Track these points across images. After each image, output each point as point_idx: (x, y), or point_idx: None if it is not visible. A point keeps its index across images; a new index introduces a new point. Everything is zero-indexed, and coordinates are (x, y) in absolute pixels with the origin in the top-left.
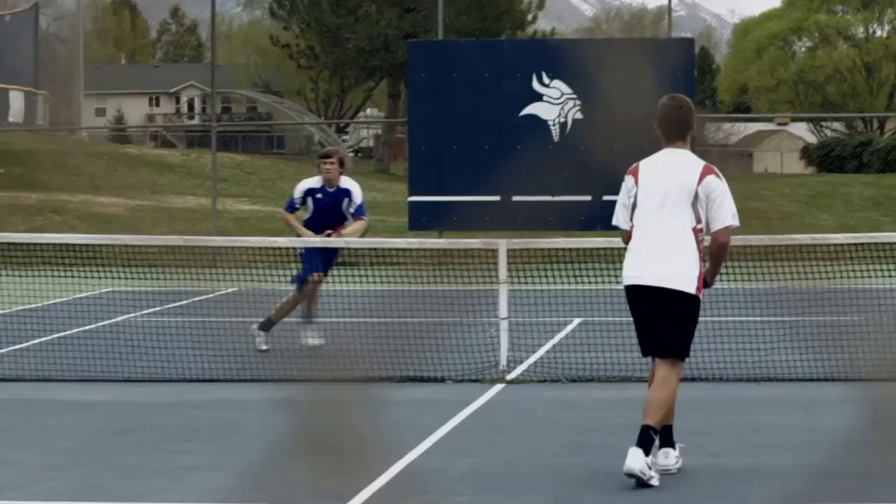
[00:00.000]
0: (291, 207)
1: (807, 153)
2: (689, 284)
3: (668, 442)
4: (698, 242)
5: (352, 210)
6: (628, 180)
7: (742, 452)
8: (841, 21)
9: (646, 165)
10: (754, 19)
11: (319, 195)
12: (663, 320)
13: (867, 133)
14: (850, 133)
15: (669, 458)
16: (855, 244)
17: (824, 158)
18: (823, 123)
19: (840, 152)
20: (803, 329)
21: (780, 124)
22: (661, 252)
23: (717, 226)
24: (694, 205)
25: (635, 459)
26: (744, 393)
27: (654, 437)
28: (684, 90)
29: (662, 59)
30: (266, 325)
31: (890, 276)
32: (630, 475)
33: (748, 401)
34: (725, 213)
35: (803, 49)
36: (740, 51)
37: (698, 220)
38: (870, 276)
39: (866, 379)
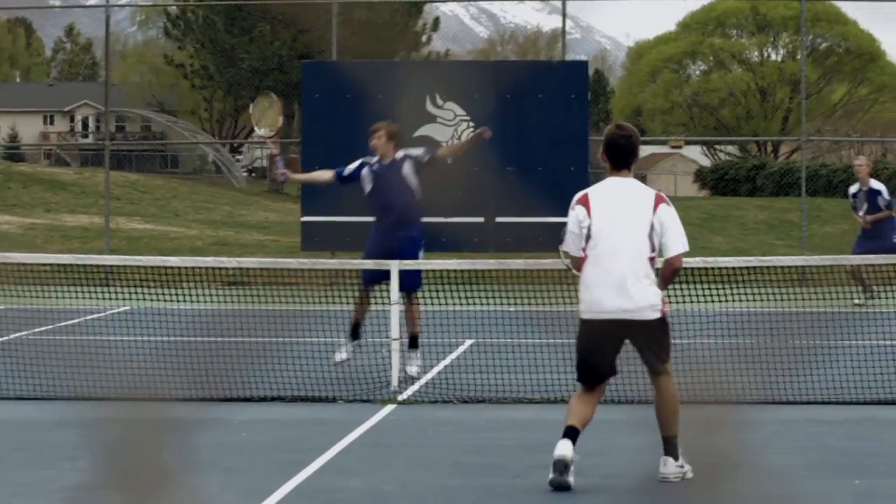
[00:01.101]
0: (339, 171)
1: (700, 176)
2: (653, 313)
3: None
4: (653, 269)
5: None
6: (579, 210)
7: (635, 473)
8: (736, 45)
9: (596, 195)
10: (649, 42)
11: (376, 167)
12: (640, 347)
13: (761, 157)
14: (744, 156)
15: (667, 466)
16: (747, 268)
17: (718, 181)
18: (717, 147)
19: (734, 175)
20: (695, 352)
21: (674, 147)
22: (625, 284)
23: (671, 253)
24: (650, 235)
25: (669, 467)
26: (630, 415)
27: (677, 444)
28: (578, 112)
29: (557, 81)
30: (354, 332)
31: (782, 300)
32: (665, 482)
33: (636, 422)
34: (678, 240)
35: (698, 72)
36: (635, 73)
37: (653, 249)
38: (762, 300)
39: (756, 402)
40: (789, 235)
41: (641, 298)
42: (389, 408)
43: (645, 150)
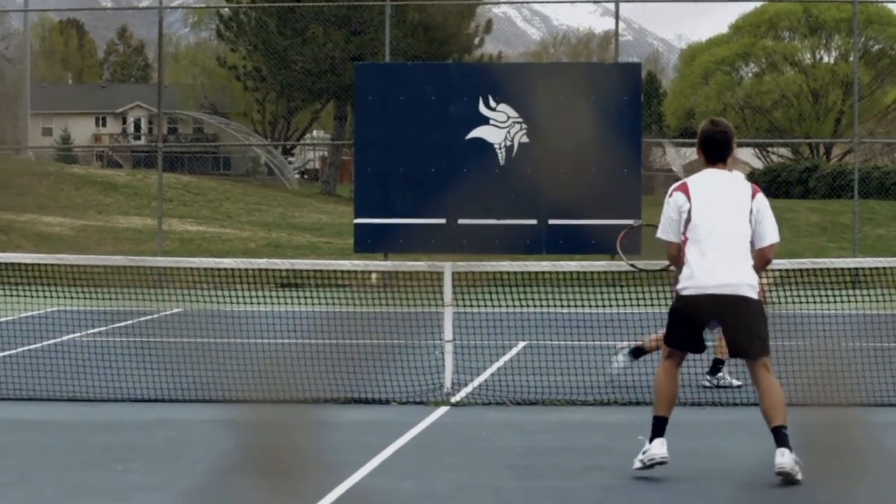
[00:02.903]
0: None
1: (753, 178)
2: (752, 291)
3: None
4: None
5: None
6: (678, 196)
7: (685, 476)
8: (788, 47)
9: (695, 183)
10: (701, 44)
11: None
12: (740, 325)
13: (813, 159)
14: (797, 158)
15: (784, 456)
16: (800, 269)
17: (770, 184)
18: (770, 149)
19: (786, 178)
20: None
21: None
22: (728, 261)
23: (765, 242)
24: (749, 219)
25: (786, 458)
26: (688, 418)
27: (787, 434)
28: (631, 115)
29: (609, 83)
30: (637, 353)
31: (834, 302)
32: (782, 473)
33: (692, 425)
34: (773, 231)
35: (750, 74)
36: (687, 76)
37: (752, 234)
38: (815, 302)
39: (812, 404)
40: (842, 238)
41: (743, 275)
42: (443, 410)
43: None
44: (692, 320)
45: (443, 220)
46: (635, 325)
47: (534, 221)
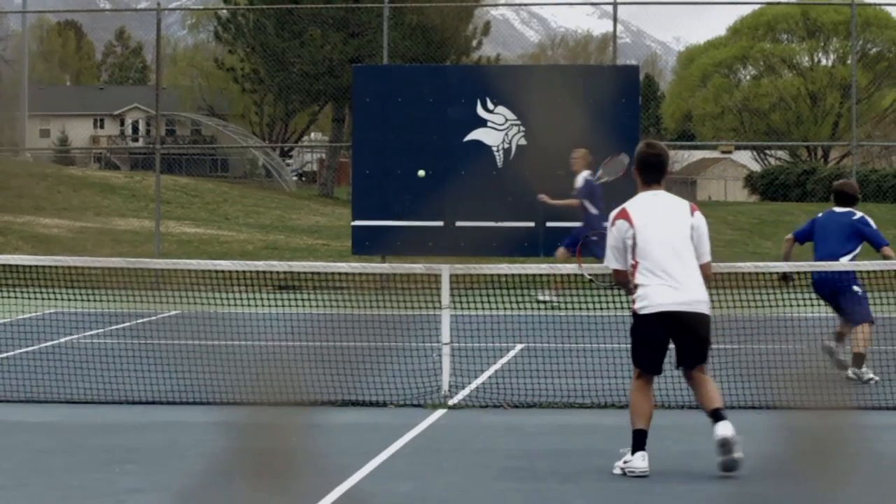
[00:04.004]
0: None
1: (750, 181)
2: (706, 307)
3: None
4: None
5: None
6: (620, 224)
7: (684, 479)
8: (786, 49)
9: (635, 208)
10: (699, 47)
11: None
12: (694, 339)
13: (811, 161)
14: (794, 161)
15: (728, 428)
16: (798, 272)
17: (768, 187)
18: (767, 151)
19: (784, 181)
20: (745, 357)
21: (724, 152)
22: (681, 280)
23: (704, 259)
24: (691, 236)
25: (728, 427)
26: (684, 420)
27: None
28: (629, 117)
29: (607, 85)
30: (859, 361)
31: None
32: (726, 442)
33: (689, 428)
34: (708, 248)
35: (748, 77)
36: (685, 78)
37: (694, 250)
38: (812, 305)
39: (806, 407)
40: None
41: (698, 293)
42: (440, 412)
43: (695, 155)
44: (653, 338)
45: (440, 223)
46: None
47: (531, 224)
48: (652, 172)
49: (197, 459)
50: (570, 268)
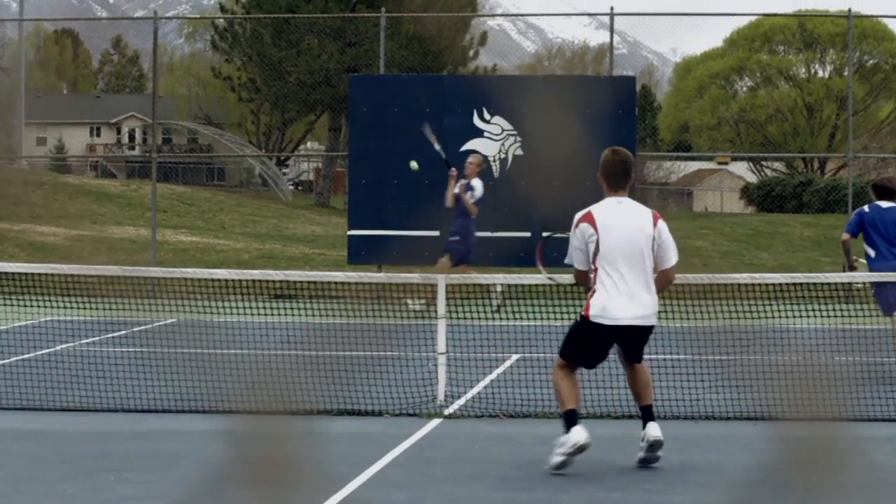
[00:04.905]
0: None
1: (747, 192)
2: (656, 319)
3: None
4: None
5: None
6: (585, 227)
7: (681, 490)
8: (783, 61)
9: (600, 213)
10: (696, 58)
11: None
12: (640, 344)
13: (808, 173)
14: (791, 173)
15: (657, 429)
16: (794, 284)
17: (764, 198)
18: (764, 163)
19: (780, 192)
20: (742, 368)
21: (720, 163)
22: (638, 293)
23: (668, 264)
24: (652, 246)
25: (657, 429)
26: (682, 431)
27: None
28: (625, 128)
29: (604, 96)
30: None
31: (828, 317)
32: (658, 443)
33: (686, 439)
34: (674, 252)
35: (745, 88)
36: (681, 89)
37: (653, 261)
38: (809, 316)
39: (803, 419)
40: (836, 252)
41: (652, 306)
42: (436, 422)
43: (691, 166)
44: (600, 345)
45: (436, 233)
46: None
47: (528, 234)
48: (617, 178)
49: (193, 468)
50: (566, 278)
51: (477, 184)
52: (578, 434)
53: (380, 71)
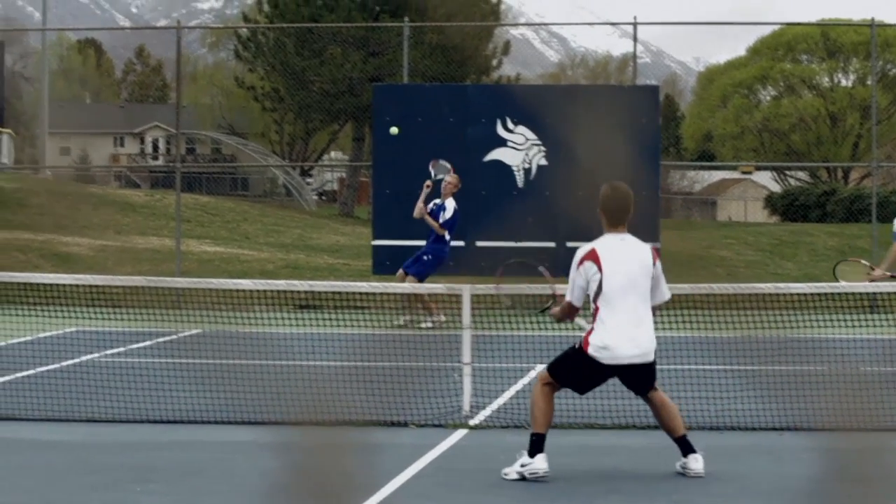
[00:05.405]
0: None
1: (771, 202)
2: (654, 355)
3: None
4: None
5: None
6: (589, 266)
7: (705, 501)
8: (806, 70)
9: (604, 251)
10: (719, 67)
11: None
12: (643, 380)
13: (831, 182)
14: (814, 182)
15: (699, 462)
16: (818, 294)
17: (788, 207)
18: (787, 172)
19: (804, 201)
20: (766, 378)
21: (744, 173)
22: (638, 333)
23: (661, 300)
24: (652, 287)
25: (700, 464)
26: (707, 441)
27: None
28: (649, 137)
29: (627, 105)
30: None
31: (852, 326)
32: (699, 477)
33: (711, 449)
34: (667, 289)
35: (768, 97)
36: (705, 98)
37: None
38: (833, 326)
39: (828, 429)
40: None
41: (650, 344)
42: (461, 433)
43: (715, 176)
44: (597, 378)
45: (461, 242)
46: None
47: (552, 244)
48: (617, 214)
49: (218, 478)
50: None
51: (449, 204)
52: (541, 463)
53: (403, 80)
